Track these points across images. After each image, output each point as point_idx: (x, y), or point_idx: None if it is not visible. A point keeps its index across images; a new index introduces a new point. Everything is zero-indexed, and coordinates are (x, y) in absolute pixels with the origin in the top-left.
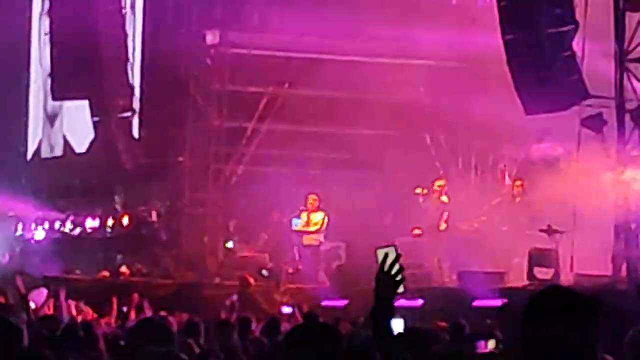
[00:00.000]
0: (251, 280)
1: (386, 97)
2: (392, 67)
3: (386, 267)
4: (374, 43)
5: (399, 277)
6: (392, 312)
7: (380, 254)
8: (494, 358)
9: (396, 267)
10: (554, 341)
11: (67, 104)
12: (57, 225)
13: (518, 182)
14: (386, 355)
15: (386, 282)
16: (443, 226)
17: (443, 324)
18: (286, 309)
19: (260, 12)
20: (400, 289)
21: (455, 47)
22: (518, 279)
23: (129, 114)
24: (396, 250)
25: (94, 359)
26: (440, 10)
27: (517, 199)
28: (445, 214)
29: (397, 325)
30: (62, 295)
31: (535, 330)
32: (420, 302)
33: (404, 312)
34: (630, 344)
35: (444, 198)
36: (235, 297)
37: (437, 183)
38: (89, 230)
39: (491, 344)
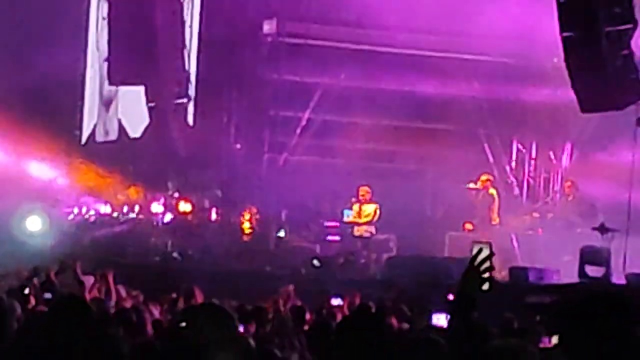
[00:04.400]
0: (302, 271)
1: (441, 91)
2: (448, 60)
3: (477, 262)
4: (431, 36)
5: (486, 275)
6: (473, 307)
7: (475, 247)
8: (557, 353)
9: (487, 264)
10: (597, 346)
11: (123, 89)
12: (108, 209)
13: (568, 182)
14: (463, 347)
15: (473, 277)
16: (496, 220)
17: None
18: (335, 300)
19: (318, 3)
20: (485, 287)
21: (512, 43)
22: (569, 277)
23: (184, 100)
24: (491, 248)
25: (145, 342)
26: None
27: (570, 197)
28: (495, 206)
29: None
30: (111, 278)
31: (578, 335)
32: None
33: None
34: None
35: (492, 191)
36: (291, 287)
37: (483, 177)
38: (140, 215)
39: (555, 339)
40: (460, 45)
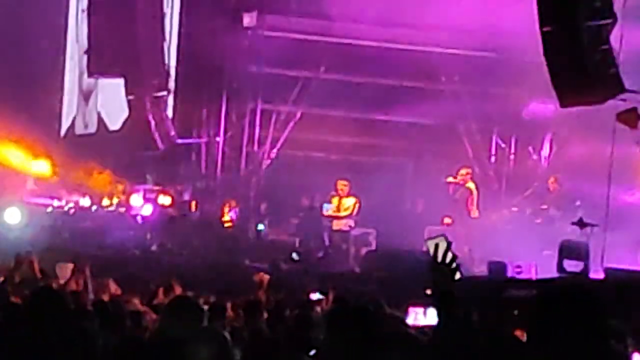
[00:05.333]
0: (281, 264)
1: (421, 85)
2: (428, 55)
3: (439, 258)
4: (410, 30)
5: (453, 265)
6: (454, 300)
7: (431, 245)
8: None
9: (449, 255)
10: (572, 340)
11: (102, 81)
12: (87, 202)
13: (552, 178)
14: (458, 342)
15: (442, 273)
16: (475, 213)
17: None
18: (315, 295)
19: None
20: (457, 276)
21: (492, 37)
22: (548, 271)
23: (164, 93)
24: (446, 239)
25: (122, 335)
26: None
27: (550, 191)
28: (474, 200)
29: (433, 314)
30: (87, 271)
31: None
32: None
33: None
34: None
35: (471, 185)
36: (266, 276)
37: (462, 171)
38: (120, 208)
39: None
40: (440, 39)
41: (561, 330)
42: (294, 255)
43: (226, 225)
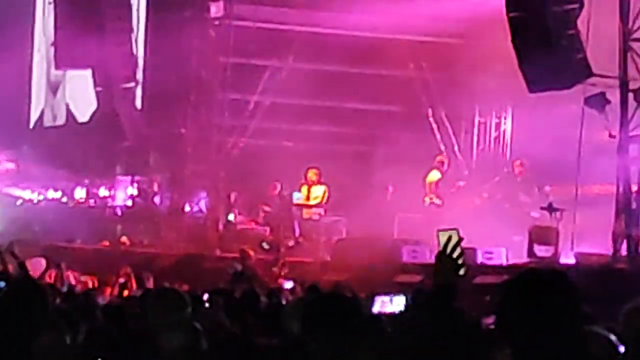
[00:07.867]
0: (251, 253)
1: (389, 72)
2: (396, 42)
3: (448, 250)
4: (378, 18)
5: (460, 261)
6: (454, 294)
7: (443, 236)
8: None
9: (457, 250)
10: (540, 324)
11: (70, 73)
12: (58, 194)
13: (518, 162)
14: (450, 337)
15: (447, 265)
16: (445, 200)
17: None
18: (287, 284)
19: None
20: (461, 272)
21: (459, 23)
22: (518, 257)
23: (132, 84)
24: (459, 234)
25: (95, 327)
26: None
27: (519, 177)
28: (441, 187)
29: (399, 302)
30: (64, 265)
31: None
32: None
33: (404, 289)
34: (625, 319)
35: (436, 173)
36: (239, 267)
37: (438, 159)
38: (89, 201)
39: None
40: (408, 27)
41: (531, 316)
42: (264, 245)
43: (195, 215)
